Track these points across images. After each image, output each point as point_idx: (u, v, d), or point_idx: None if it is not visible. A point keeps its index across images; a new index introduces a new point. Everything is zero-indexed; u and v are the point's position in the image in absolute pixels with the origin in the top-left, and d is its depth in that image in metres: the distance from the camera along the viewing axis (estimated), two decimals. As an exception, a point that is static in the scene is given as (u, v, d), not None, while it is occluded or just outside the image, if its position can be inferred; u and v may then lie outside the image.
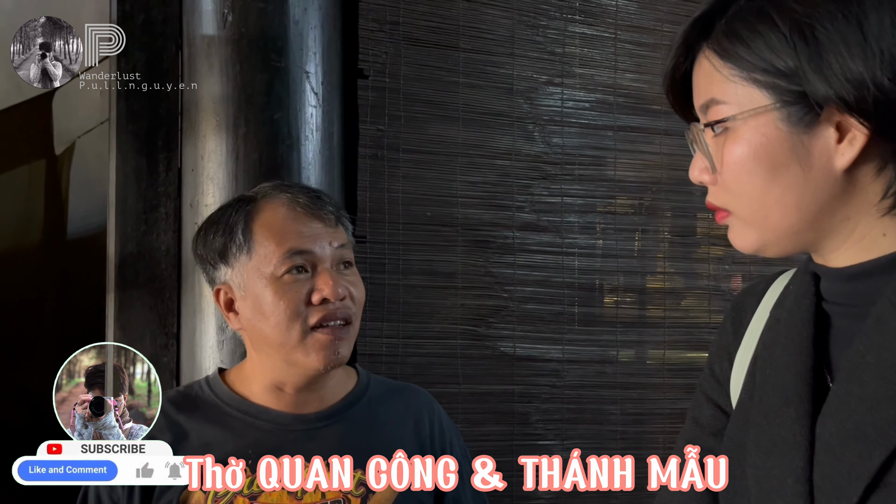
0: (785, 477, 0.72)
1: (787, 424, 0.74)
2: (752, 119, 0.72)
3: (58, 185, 2.95)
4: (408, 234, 1.80)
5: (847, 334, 0.75)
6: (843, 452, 0.69)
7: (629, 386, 1.96)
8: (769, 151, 0.72)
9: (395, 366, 1.77)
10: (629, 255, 1.99)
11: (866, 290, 0.74)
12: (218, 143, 1.67)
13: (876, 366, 0.69)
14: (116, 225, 1.73)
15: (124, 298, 1.71)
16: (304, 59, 1.69)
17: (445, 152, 1.84)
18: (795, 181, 0.72)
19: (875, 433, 0.67)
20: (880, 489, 0.66)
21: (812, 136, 0.71)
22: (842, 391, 0.71)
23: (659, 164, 2.00)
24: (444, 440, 1.29)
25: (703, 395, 0.90)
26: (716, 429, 0.87)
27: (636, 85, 2.00)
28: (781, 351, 0.78)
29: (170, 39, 1.74)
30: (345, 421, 1.24)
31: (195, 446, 1.18)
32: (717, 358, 0.90)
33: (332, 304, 1.17)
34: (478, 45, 1.87)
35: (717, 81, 0.74)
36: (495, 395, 1.85)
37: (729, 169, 0.74)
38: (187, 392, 1.26)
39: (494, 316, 1.86)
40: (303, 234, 1.19)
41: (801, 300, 0.80)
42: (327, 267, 1.18)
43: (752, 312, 0.87)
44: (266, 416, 1.22)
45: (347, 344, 1.19)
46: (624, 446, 1.93)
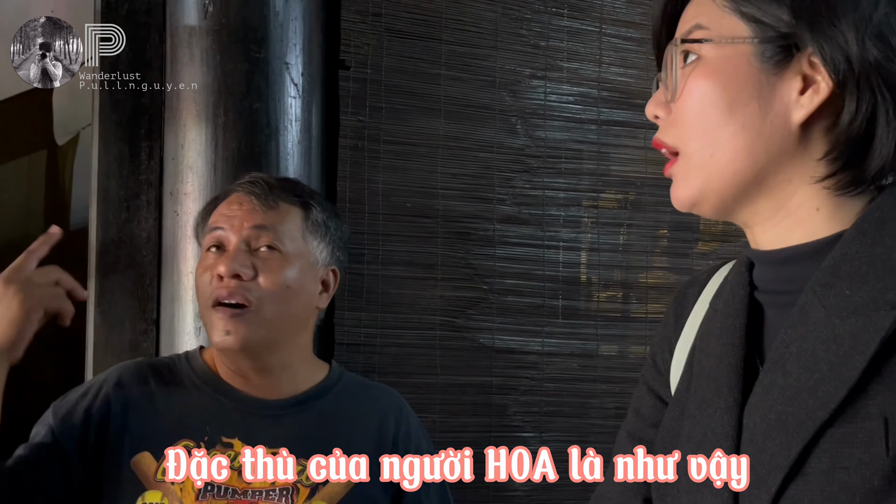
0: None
1: (717, 415, 0.74)
2: (728, 48, 0.73)
3: (59, 175, 2.97)
4: (388, 225, 1.81)
5: (776, 324, 0.75)
6: (764, 443, 0.69)
7: (609, 380, 1.96)
8: (734, 84, 0.73)
9: (372, 356, 1.77)
10: (611, 249, 1.98)
11: (793, 277, 0.74)
12: (198, 132, 1.68)
13: (798, 356, 0.69)
14: (98, 212, 1.74)
15: (105, 284, 1.73)
16: (284, 51, 1.70)
17: (427, 144, 1.84)
18: (752, 121, 0.72)
19: (795, 423, 0.67)
20: (798, 479, 0.66)
21: (779, 78, 0.72)
22: (766, 381, 0.71)
23: (643, 159, 2.00)
24: (410, 443, 1.29)
25: (645, 386, 0.91)
26: (656, 419, 0.88)
27: (621, 79, 1.99)
28: (716, 342, 0.79)
29: (153, 29, 1.76)
30: (308, 411, 1.25)
31: (158, 411, 1.21)
32: (658, 349, 0.91)
33: (226, 281, 1.19)
34: (461, 37, 1.87)
35: (708, 9, 0.75)
36: (473, 387, 1.85)
37: (689, 96, 0.75)
38: (168, 361, 1.30)
39: (474, 307, 1.86)
40: (224, 214, 1.24)
41: (736, 290, 0.80)
42: (233, 246, 1.21)
43: (693, 303, 0.88)
44: (231, 394, 1.24)
45: (246, 327, 1.18)
46: (603, 440, 1.92)
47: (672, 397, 0.85)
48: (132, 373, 1.24)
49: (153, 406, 1.21)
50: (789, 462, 0.66)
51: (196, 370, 1.27)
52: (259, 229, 1.21)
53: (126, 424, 1.19)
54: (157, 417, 1.21)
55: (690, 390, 0.80)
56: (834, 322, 0.68)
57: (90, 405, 1.20)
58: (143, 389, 1.22)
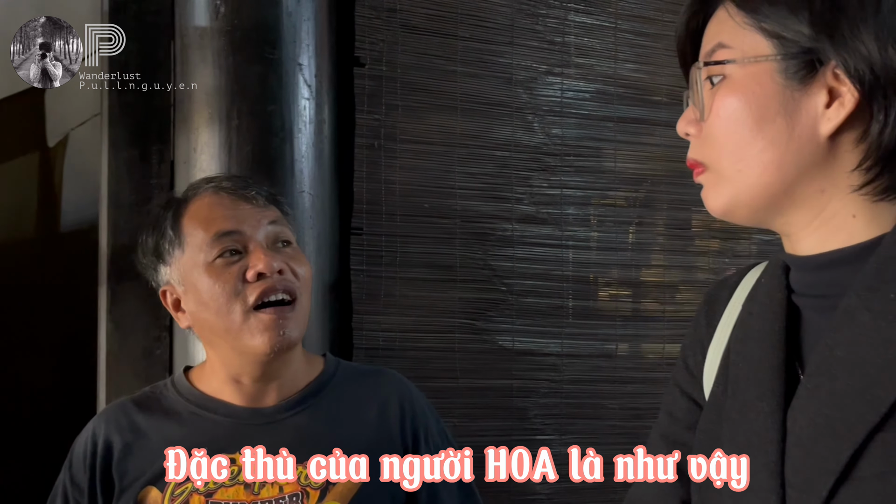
0: (758, 471, 0.72)
1: (761, 419, 0.74)
2: (752, 66, 0.73)
3: (51, 177, 2.92)
4: (405, 226, 1.77)
5: (816, 327, 0.75)
6: (812, 447, 0.69)
7: (628, 380, 1.94)
8: (760, 102, 0.73)
9: (392, 360, 1.74)
10: (627, 248, 1.96)
11: (833, 281, 0.74)
12: (211, 135, 1.64)
13: (844, 360, 0.69)
14: (109, 217, 1.71)
15: (117, 291, 1.69)
16: (297, 52, 1.66)
17: (444, 142, 1.81)
18: (780, 137, 0.73)
19: (844, 428, 0.67)
20: (849, 483, 0.66)
21: (804, 93, 0.72)
22: (811, 385, 0.71)
23: (658, 157, 1.98)
24: (417, 425, 1.25)
25: (678, 389, 0.91)
26: (690, 422, 0.88)
27: (636, 75, 1.97)
28: (755, 345, 0.79)
29: (162, 31, 1.72)
30: (307, 411, 1.21)
31: (154, 444, 1.17)
32: (690, 351, 0.90)
33: (269, 278, 1.14)
34: (477, 33, 1.84)
35: (729, 28, 0.75)
36: (494, 390, 1.83)
37: (717, 116, 0.75)
38: (152, 392, 1.25)
39: (493, 309, 1.83)
40: (229, 217, 1.17)
41: (774, 293, 0.80)
42: (260, 244, 1.16)
43: (725, 305, 0.87)
44: (223, 410, 1.20)
45: (294, 323, 1.15)
46: (623, 441, 1.91)
47: (707, 400, 0.85)
48: (118, 415, 1.20)
49: (147, 442, 1.18)
50: (840, 466, 0.66)
51: (184, 394, 1.23)
52: (275, 225, 1.19)
53: (125, 470, 1.16)
54: (153, 452, 1.17)
55: (728, 393, 0.80)
56: (881, 326, 0.68)
57: (92, 465, 1.17)
58: (133, 429, 1.19)
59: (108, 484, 1.16)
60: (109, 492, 1.16)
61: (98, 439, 1.18)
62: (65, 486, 1.18)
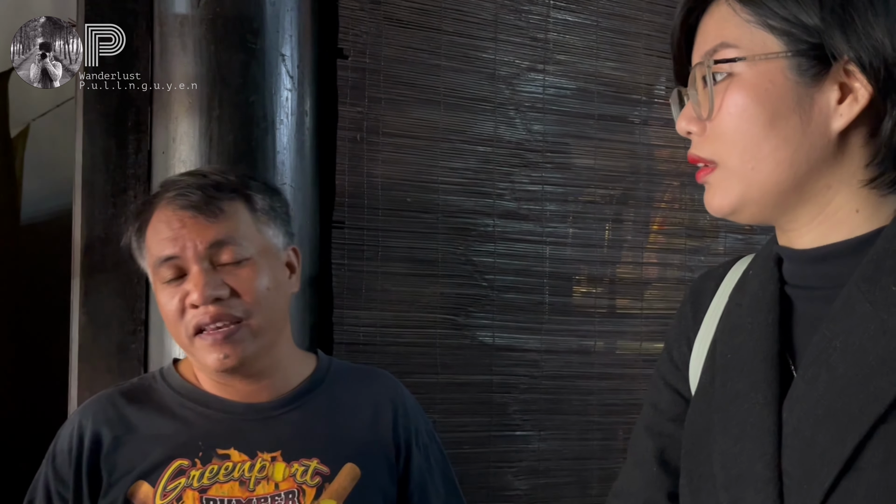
0: (754, 462, 0.72)
1: (756, 410, 0.74)
2: (762, 64, 0.72)
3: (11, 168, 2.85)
4: (387, 221, 1.76)
5: (811, 318, 0.75)
6: (813, 437, 0.69)
7: (605, 377, 1.95)
8: (773, 99, 0.72)
9: (372, 355, 1.73)
10: (608, 245, 1.97)
11: (831, 273, 0.74)
12: (190, 125, 1.61)
13: (844, 350, 0.70)
14: (83, 208, 1.65)
15: (90, 284, 1.64)
16: (280, 42, 1.63)
17: (427, 136, 1.80)
18: (793, 134, 0.72)
19: (847, 418, 0.67)
20: (851, 473, 0.67)
21: (816, 90, 0.72)
22: (809, 376, 0.71)
23: (639, 154, 1.99)
24: (409, 426, 1.25)
25: (662, 381, 0.91)
26: (674, 414, 0.88)
27: (617, 73, 1.98)
28: (747, 336, 0.78)
29: (140, 17, 1.67)
30: (301, 408, 1.21)
31: (144, 437, 1.15)
32: (675, 343, 0.90)
33: (203, 307, 1.11)
34: (461, 28, 1.83)
35: (732, 25, 0.74)
36: (474, 386, 1.82)
37: (728, 114, 0.74)
38: (140, 384, 1.23)
39: (474, 305, 1.83)
40: (171, 240, 1.14)
41: (766, 285, 0.80)
42: (196, 269, 1.13)
43: (711, 297, 0.87)
44: (218, 405, 1.18)
45: (240, 345, 1.13)
46: (601, 437, 1.92)
47: (695, 392, 0.85)
48: (105, 407, 1.18)
49: (136, 434, 1.15)
50: (844, 456, 0.67)
51: (175, 387, 1.21)
52: (217, 246, 1.14)
53: (114, 464, 1.14)
54: (143, 444, 1.14)
55: (717, 384, 0.80)
56: (882, 317, 0.68)
57: (78, 458, 1.14)
58: (122, 422, 1.16)
59: (96, 478, 1.13)
60: (97, 486, 1.12)
61: (85, 432, 1.14)
62: (47, 480, 1.14)
